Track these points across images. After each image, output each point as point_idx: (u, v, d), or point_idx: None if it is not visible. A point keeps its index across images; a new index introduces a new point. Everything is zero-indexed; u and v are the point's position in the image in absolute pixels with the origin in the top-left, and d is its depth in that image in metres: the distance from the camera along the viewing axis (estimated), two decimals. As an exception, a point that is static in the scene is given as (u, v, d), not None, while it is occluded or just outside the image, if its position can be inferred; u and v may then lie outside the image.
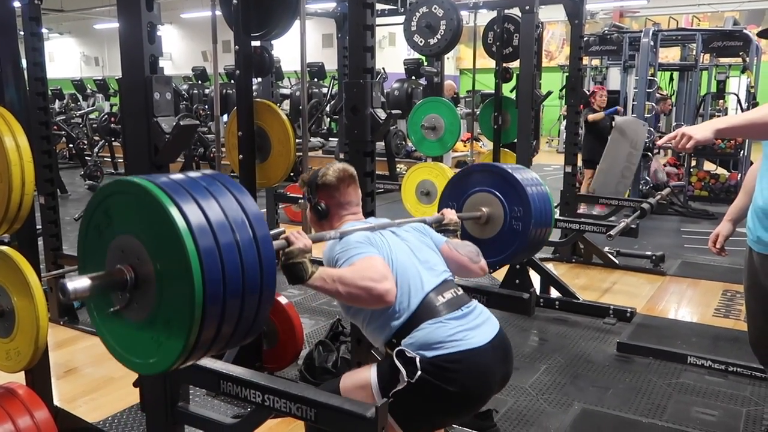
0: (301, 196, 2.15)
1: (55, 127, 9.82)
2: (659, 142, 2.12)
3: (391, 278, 1.72)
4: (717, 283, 4.80)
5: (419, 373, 1.70)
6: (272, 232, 1.51)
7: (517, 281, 4.07)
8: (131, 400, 2.87)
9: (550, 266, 4.79)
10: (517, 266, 4.11)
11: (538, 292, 4.21)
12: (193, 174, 1.40)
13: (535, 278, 4.23)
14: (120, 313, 1.37)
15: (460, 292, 1.93)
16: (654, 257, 5.16)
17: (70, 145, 10.90)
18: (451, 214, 2.27)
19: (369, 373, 1.82)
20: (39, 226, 3.81)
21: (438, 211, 2.34)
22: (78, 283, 1.29)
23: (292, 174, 7.14)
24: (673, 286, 4.78)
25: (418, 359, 1.72)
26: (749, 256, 2.28)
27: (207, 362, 1.95)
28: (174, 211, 1.25)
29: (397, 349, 1.76)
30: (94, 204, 1.41)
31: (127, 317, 1.37)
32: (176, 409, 1.97)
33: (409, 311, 1.79)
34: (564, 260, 5.33)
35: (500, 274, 4.57)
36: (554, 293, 4.27)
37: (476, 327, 1.82)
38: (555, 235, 5.18)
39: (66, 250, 4.01)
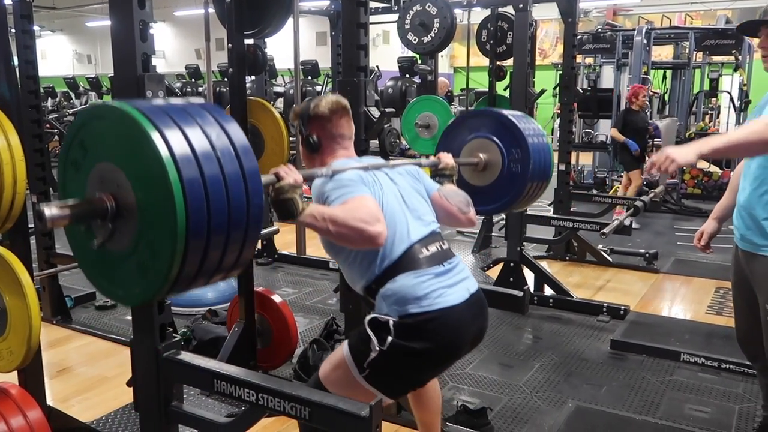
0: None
1: (48, 126, 9.78)
2: (646, 168, 2.14)
3: (383, 220, 1.69)
4: (710, 280, 4.83)
5: (390, 338, 1.71)
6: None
7: (511, 279, 4.09)
8: (125, 399, 2.85)
9: (544, 264, 4.80)
10: (511, 264, 4.12)
11: (532, 290, 4.22)
12: (177, 101, 1.34)
13: (529, 276, 4.24)
14: (104, 246, 1.32)
15: (445, 246, 1.91)
16: (647, 255, 5.18)
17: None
18: (447, 158, 2.20)
19: (342, 351, 1.82)
20: (31, 225, 3.80)
21: (435, 155, 2.26)
22: (55, 209, 1.24)
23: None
24: (666, 283, 4.80)
25: (391, 322, 1.72)
26: (735, 253, 2.33)
27: (200, 361, 1.95)
28: (156, 137, 1.19)
29: (370, 317, 1.77)
30: (70, 136, 1.35)
31: (110, 248, 1.32)
32: (170, 409, 1.96)
33: (392, 259, 1.78)
34: (558, 258, 5.34)
35: (494, 272, 4.59)
36: (548, 291, 4.28)
37: (454, 285, 1.82)
38: (549, 233, 5.20)
39: (59, 249, 3.99)
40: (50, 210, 1.23)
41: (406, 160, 2.11)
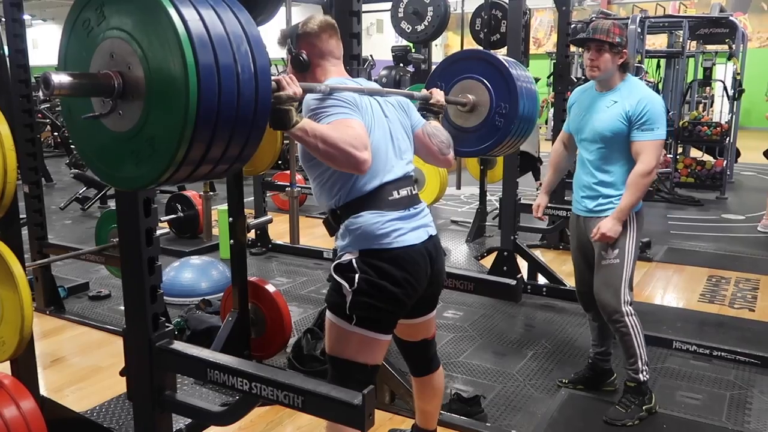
0: (288, 183, 2.13)
1: (40, 116, 9.71)
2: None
3: (369, 148, 1.70)
4: (702, 268, 4.85)
5: (357, 276, 1.79)
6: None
7: (505, 268, 4.10)
8: (119, 389, 2.85)
9: (537, 253, 4.81)
10: (505, 253, 4.13)
11: (525, 278, 4.24)
12: None
13: (523, 265, 4.25)
14: (99, 121, 1.30)
15: (415, 191, 1.96)
16: (640, 243, 5.19)
17: (55, 134, 10.78)
18: (438, 95, 2.20)
19: (327, 317, 1.88)
20: (23, 215, 3.78)
21: (427, 89, 2.26)
22: (63, 76, 1.22)
23: (279, 162, 7.09)
24: (659, 272, 4.82)
25: (354, 260, 1.80)
26: (576, 221, 2.82)
27: (193, 350, 1.95)
28: (175, 16, 1.18)
29: (335, 263, 1.84)
30: (81, 2, 1.32)
31: (107, 126, 1.30)
32: (163, 398, 1.96)
33: (362, 191, 1.83)
34: (551, 247, 5.35)
35: (488, 261, 4.60)
36: (541, 280, 4.29)
37: (415, 228, 1.88)
38: (542, 222, 5.20)
39: (51, 239, 3.98)
40: (58, 77, 1.22)
41: (398, 90, 2.11)
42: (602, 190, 2.67)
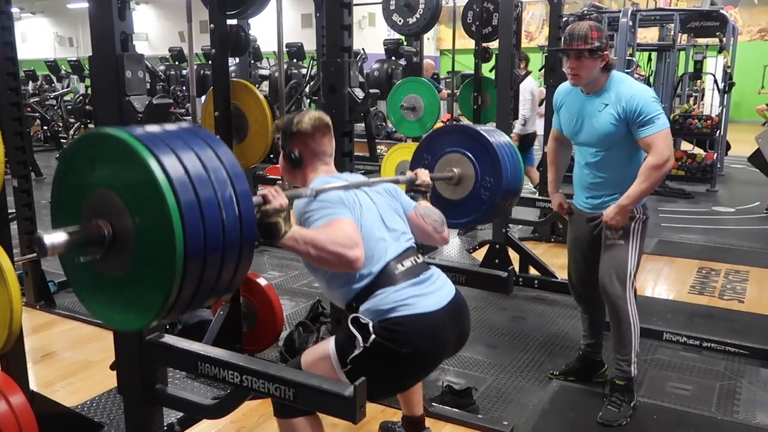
0: (280, 177, 2.13)
1: (29, 109, 9.64)
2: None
3: (361, 245, 1.72)
4: (693, 260, 4.88)
5: (373, 337, 1.76)
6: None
7: (497, 261, 4.10)
8: (110, 383, 2.84)
9: (529, 246, 4.82)
10: (497, 246, 4.14)
11: (517, 271, 4.25)
12: (170, 127, 1.36)
13: (514, 257, 4.26)
14: (95, 267, 1.33)
15: (420, 260, 1.97)
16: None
17: (45, 128, 10.71)
18: (424, 176, 2.25)
19: (328, 345, 1.85)
20: (12, 210, 3.75)
21: (411, 170, 2.31)
22: (55, 237, 1.25)
23: (271, 156, 7.07)
24: (649, 264, 4.84)
25: (371, 324, 1.78)
26: (578, 214, 2.83)
27: (185, 344, 1.94)
28: (154, 164, 1.21)
29: (352, 316, 1.82)
30: (69, 156, 1.36)
31: (103, 272, 1.34)
32: (154, 391, 1.96)
33: (369, 278, 1.84)
34: (543, 240, 5.37)
35: (480, 254, 4.61)
36: (533, 272, 4.30)
37: (430, 293, 1.87)
38: (534, 215, 5.22)
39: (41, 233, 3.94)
40: (50, 238, 1.25)
41: (383, 178, 2.16)
42: (605, 189, 2.68)
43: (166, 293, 1.24)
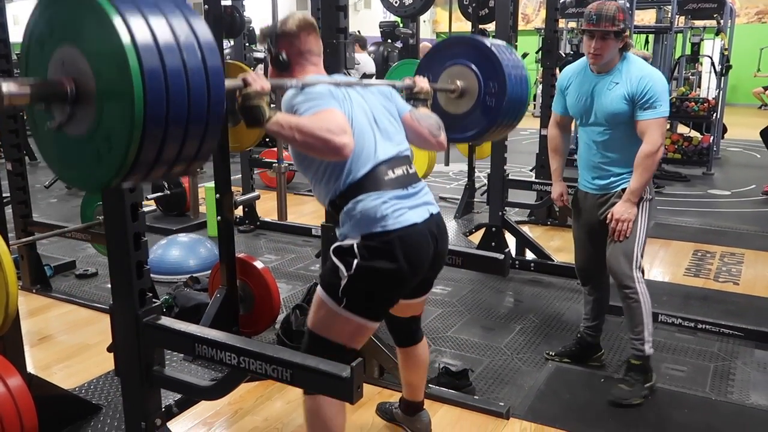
0: (275, 159, 2.11)
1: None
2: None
3: (349, 132, 1.69)
4: (688, 243, 4.89)
5: (356, 261, 1.77)
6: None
7: (493, 244, 4.11)
8: (107, 366, 2.85)
9: (525, 229, 4.83)
10: (493, 229, 4.14)
11: (513, 254, 4.26)
12: None
13: (511, 240, 4.27)
14: (61, 128, 1.32)
15: (412, 170, 1.94)
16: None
17: (39, 112, 10.63)
18: (422, 82, 2.18)
19: (318, 293, 1.87)
20: (6, 195, 3.74)
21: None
22: (14, 86, 1.23)
23: (267, 139, 7.04)
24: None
25: (355, 245, 1.78)
26: (585, 197, 2.80)
27: (180, 326, 1.94)
28: (119, 24, 1.18)
29: (334, 246, 1.83)
30: (36, 14, 1.34)
31: (68, 132, 1.32)
32: (151, 373, 1.96)
33: (356, 176, 1.82)
34: (539, 223, 5.37)
35: (476, 237, 4.61)
36: (529, 255, 4.31)
37: (416, 206, 1.86)
38: (530, 198, 5.22)
39: (36, 217, 3.93)
40: (8, 87, 1.22)
41: (378, 81, 2.09)
42: (613, 168, 2.67)
43: (125, 155, 1.22)
